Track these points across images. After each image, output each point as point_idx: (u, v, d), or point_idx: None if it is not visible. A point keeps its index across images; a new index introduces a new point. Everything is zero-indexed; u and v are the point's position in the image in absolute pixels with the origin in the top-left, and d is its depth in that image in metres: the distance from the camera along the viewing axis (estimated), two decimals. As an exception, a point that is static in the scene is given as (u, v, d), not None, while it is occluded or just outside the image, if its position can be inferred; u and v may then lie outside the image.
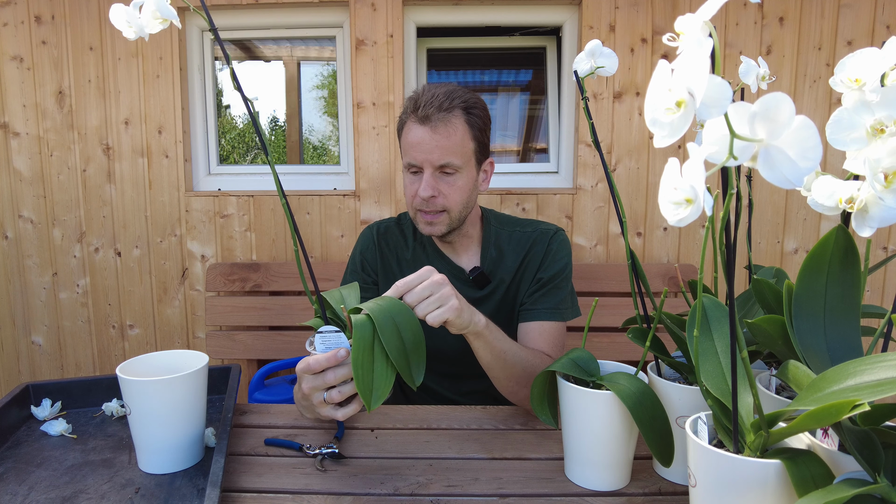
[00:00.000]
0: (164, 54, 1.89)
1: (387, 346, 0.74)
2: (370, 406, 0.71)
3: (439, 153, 1.05)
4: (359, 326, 0.74)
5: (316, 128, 2.32)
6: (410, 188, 1.11)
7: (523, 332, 1.15)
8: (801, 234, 1.91)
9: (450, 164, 1.06)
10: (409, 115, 1.08)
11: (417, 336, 0.78)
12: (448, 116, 1.05)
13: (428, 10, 1.92)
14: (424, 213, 1.10)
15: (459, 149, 1.07)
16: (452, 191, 1.08)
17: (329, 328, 0.79)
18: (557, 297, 1.14)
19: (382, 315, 0.76)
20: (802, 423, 0.49)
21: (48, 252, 1.99)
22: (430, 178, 1.07)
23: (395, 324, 0.77)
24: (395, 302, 0.80)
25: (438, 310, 0.82)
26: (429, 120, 1.04)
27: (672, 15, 1.83)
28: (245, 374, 1.91)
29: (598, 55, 0.77)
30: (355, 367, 0.71)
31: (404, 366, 0.75)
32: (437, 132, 1.05)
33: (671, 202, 0.44)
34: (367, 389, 0.71)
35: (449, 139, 1.05)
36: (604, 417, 0.73)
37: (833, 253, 0.60)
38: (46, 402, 0.98)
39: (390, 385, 0.73)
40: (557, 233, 1.20)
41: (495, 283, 1.18)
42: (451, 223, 1.11)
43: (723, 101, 0.41)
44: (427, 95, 1.05)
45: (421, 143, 1.06)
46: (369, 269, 1.23)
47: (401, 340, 0.76)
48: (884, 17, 1.80)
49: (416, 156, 1.07)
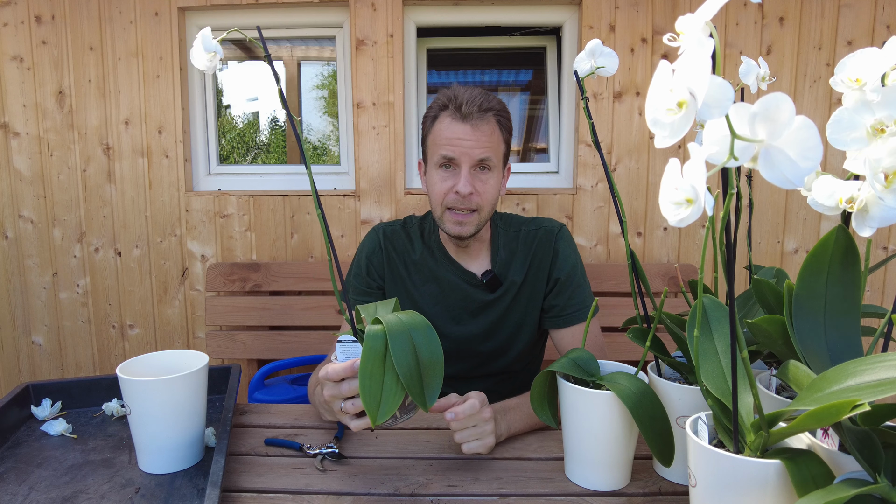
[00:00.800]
0: (164, 54, 1.89)
1: (396, 361, 0.71)
2: (374, 420, 0.69)
3: (480, 149, 1.07)
4: (370, 337, 0.72)
5: (316, 128, 2.32)
6: (442, 185, 1.10)
7: (562, 339, 1.15)
8: (801, 234, 1.91)
9: (489, 159, 1.08)
10: (442, 111, 1.09)
11: (436, 356, 0.75)
12: (487, 116, 1.07)
13: (428, 9, 1.92)
14: (456, 213, 1.09)
15: (496, 147, 1.10)
16: (486, 188, 1.10)
17: (349, 337, 0.78)
18: (582, 295, 1.16)
19: (399, 329, 0.74)
20: (803, 423, 0.49)
21: (48, 252, 1.99)
22: (468, 175, 1.07)
23: (412, 340, 0.74)
24: (418, 318, 0.77)
25: (475, 442, 0.87)
26: (471, 117, 1.06)
27: (672, 15, 1.83)
28: (245, 374, 1.91)
29: (599, 55, 0.77)
30: (362, 378, 0.69)
31: (416, 386, 0.72)
32: (478, 129, 1.06)
33: (672, 202, 0.44)
34: (373, 402, 0.69)
35: (489, 137, 1.08)
36: (604, 417, 0.73)
37: (833, 253, 0.60)
38: (46, 402, 0.98)
39: (399, 400, 0.71)
40: (561, 230, 1.20)
41: (506, 284, 1.18)
42: (480, 223, 1.11)
43: (724, 102, 0.41)
44: (467, 95, 1.07)
45: (463, 139, 1.07)
46: (375, 274, 1.21)
47: (415, 358, 0.73)
48: (884, 17, 1.80)
49: (455, 150, 1.07)
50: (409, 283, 1.20)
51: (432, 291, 1.19)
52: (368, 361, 0.70)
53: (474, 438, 0.86)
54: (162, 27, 1.88)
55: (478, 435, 0.86)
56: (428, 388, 0.73)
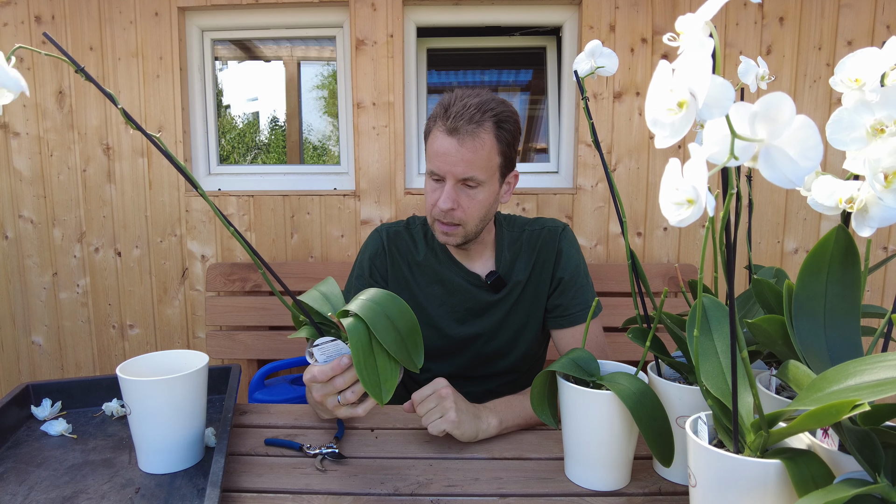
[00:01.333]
0: (164, 54, 1.89)
1: (384, 342, 0.74)
2: (382, 400, 0.72)
3: (463, 167, 1.03)
4: (352, 331, 0.74)
5: (316, 128, 2.32)
6: (431, 196, 1.08)
7: (563, 338, 1.15)
8: (801, 234, 1.91)
9: (473, 178, 1.04)
10: (436, 122, 1.05)
11: (411, 322, 0.79)
12: (477, 130, 1.01)
13: (428, 9, 1.92)
14: (441, 224, 1.08)
15: (485, 163, 1.04)
16: (472, 204, 1.06)
17: (324, 339, 0.78)
18: (586, 296, 1.16)
19: (373, 312, 0.76)
20: (802, 423, 0.49)
21: (48, 252, 1.99)
22: (450, 191, 1.04)
23: (387, 316, 0.77)
24: (383, 293, 0.80)
25: (437, 420, 0.88)
26: (457, 132, 1.01)
27: (672, 15, 1.83)
28: (245, 374, 1.91)
29: (599, 55, 0.77)
30: (359, 371, 0.71)
31: (404, 355, 0.76)
32: (463, 145, 1.01)
33: (673, 203, 0.44)
34: (374, 386, 0.72)
35: (475, 153, 1.02)
36: (604, 417, 0.73)
37: (833, 253, 0.60)
38: (46, 402, 0.97)
39: (397, 373, 0.75)
40: (565, 230, 1.20)
41: (511, 285, 1.17)
42: (467, 235, 1.10)
43: (725, 102, 0.41)
44: (458, 105, 1.02)
45: (447, 155, 1.03)
46: (378, 276, 1.20)
47: (396, 332, 0.77)
48: (884, 17, 1.80)
49: (440, 166, 1.04)
50: (414, 284, 1.20)
51: (437, 293, 1.19)
52: (360, 354, 0.72)
53: (436, 416, 0.88)
54: (162, 27, 1.88)
55: (439, 412, 0.88)
56: (414, 352, 0.78)
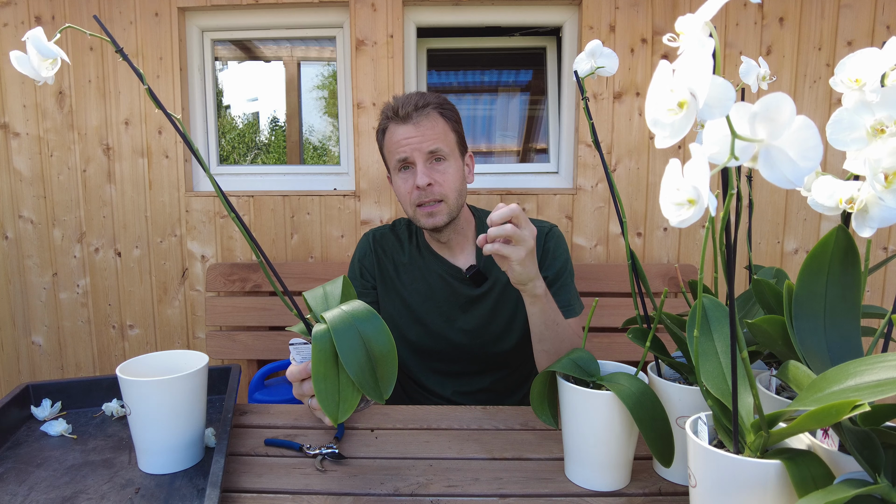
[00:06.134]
0: (164, 54, 1.89)
1: (344, 361, 0.67)
2: (335, 420, 0.66)
3: (428, 142, 1.13)
4: (317, 339, 0.68)
5: (316, 128, 2.32)
6: (405, 186, 1.16)
7: None
8: (801, 234, 1.91)
9: (439, 150, 1.13)
10: (388, 122, 1.16)
11: (388, 346, 0.70)
12: (426, 111, 1.14)
13: (428, 10, 1.92)
14: (424, 207, 1.14)
15: (443, 137, 1.15)
16: (445, 178, 1.14)
17: (299, 340, 0.78)
18: (568, 294, 1.17)
19: (344, 325, 0.70)
20: (803, 423, 0.49)
21: (48, 252, 1.99)
22: (423, 168, 1.13)
23: (360, 333, 0.70)
24: (365, 309, 0.73)
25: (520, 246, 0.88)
26: (410, 118, 1.13)
27: (672, 15, 1.83)
28: (245, 375, 1.91)
29: (599, 55, 0.77)
30: (316, 382, 0.67)
31: (369, 380, 0.68)
32: (419, 125, 1.13)
33: (673, 203, 0.44)
34: (331, 403, 0.66)
35: (433, 129, 1.13)
36: (604, 417, 0.73)
37: (833, 253, 0.60)
38: (46, 403, 0.97)
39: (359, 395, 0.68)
40: (552, 230, 1.21)
41: (492, 280, 1.19)
42: (451, 211, 1.15)
43: (726, 102, 0.41)
44: (402, 100, 1.15)
45: (410, 138, 1.13)
46: (368, 276, 1.27)
47: (366, 352, 0.69)
48: (884, 17, 1.80)
49: (407, 149, 1.13)
50: (399, 283, 1.25)
51: (421, 289, 1.22)
52: (320, 364, 0.67)
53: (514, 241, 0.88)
54: (162, 27, 1.88)
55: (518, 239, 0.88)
56: (382, 379, 0.69)
